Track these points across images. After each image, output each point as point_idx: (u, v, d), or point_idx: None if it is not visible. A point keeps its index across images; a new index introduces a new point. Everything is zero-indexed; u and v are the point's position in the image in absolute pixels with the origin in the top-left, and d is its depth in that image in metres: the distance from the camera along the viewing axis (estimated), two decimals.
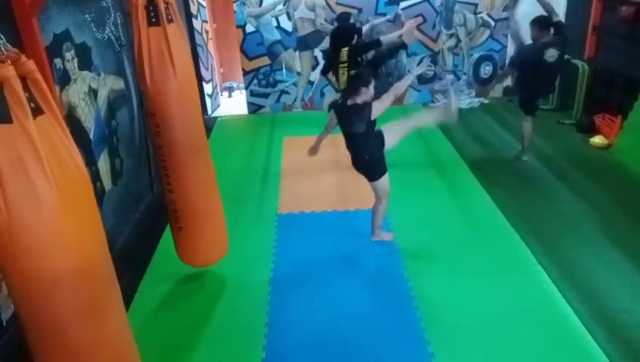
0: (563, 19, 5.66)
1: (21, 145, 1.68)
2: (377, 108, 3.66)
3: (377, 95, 3.73)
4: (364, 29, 5.82)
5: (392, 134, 3.82)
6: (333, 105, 3.90)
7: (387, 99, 3.72)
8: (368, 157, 3.80)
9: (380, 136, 3.77)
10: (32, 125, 1.69)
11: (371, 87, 3.65)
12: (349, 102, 3.70)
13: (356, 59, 5.20)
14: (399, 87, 3.84)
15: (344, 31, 5.39)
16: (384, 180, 3.86)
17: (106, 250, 2.07)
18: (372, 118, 3.67)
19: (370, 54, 5.55)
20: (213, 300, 3.58)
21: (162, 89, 2.98)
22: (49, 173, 1.73)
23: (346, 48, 5.19)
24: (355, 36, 5.31)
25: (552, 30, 4.99)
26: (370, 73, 3.83)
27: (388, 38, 5.41)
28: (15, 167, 1.69)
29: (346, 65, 5.19)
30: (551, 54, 4.94)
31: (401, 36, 5.47)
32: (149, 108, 3.08)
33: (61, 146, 1.80)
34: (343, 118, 3.80)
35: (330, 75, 5.67)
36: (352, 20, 5.77)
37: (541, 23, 4.99)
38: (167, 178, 3.27)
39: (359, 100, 3.65)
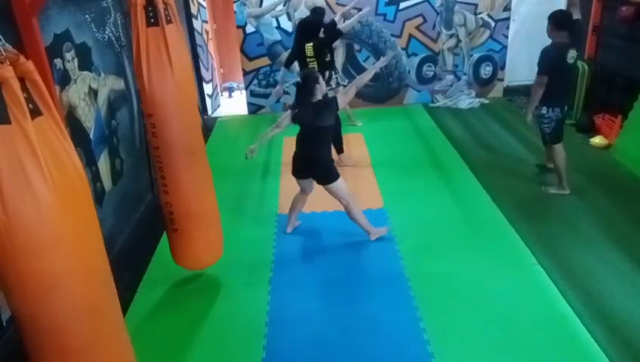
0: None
1: (19, 146, 1.68)
2: (342, 101, 3.87)
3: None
4: (336, 18, 5.88)
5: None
6: (297, 113, 3.89)
7: (351, 91, 3.94)
8: (325, 155, 3.93)
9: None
10: (31, 126, 1.69)
11: (321, 81, 3.85)
12: (314, 99, 3.81)
13: (323, 52, 5.37)
14: (361, 79, 4.03)
15: (308, 26, 5.49)
16: (339, 183, 3.92)
17: (103, 252, 2.06)
18: (340, 108, 3.89)
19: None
20: (213, 300, 3.58)
21: (159, 89, 2.98)
22: (47, 174, 1.73)
23: (311, 44, 5.31)
24: (322, 29, 5.45)
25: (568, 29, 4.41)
26: (314, 72, 3.99)
27: (347, 26, 5.49)
28: (13, 168, 1.69)
29: (313, 59, 5.34)
30: (572, 55, 4.41)
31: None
32: (146, 108, 3.08)
33: (59, 148, 1.80)
34: (313, 115, 3.80)
35: (295, 67, 5.74)
36: (327, 16, 5.90)
37: (559, 21, 4.37)
38: (163, 179, 3.26)
39: (320, 96, 3.82)
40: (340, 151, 5.57)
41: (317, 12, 5.86)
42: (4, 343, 2.81)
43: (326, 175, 3.92)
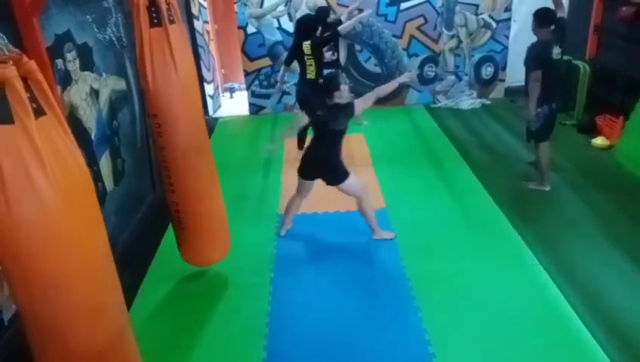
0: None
1: (23, 145, 1.69)
2: (360, 107, 3.85)
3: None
4: (343, 17, 5.87)
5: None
6: (313, 111, 3.92)
7: (370, 99, 3.89)
8: (335, 158, 3.92)
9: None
10: (34, 126, 1.70)
11: (343, 88, 3.78)
12: (330, 102, 3.80)
13: (320, 51, 5.38)
14: (383, 89, 3.98)
15: (305, 23, 5.50)
16: (350, 181, 3.93)
17: (107, 251, 2.07)
18: (355, 115, 3.86)
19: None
20: (213, 300, 3.59)
21: (164, 90, 2.98)
22: (50, 173, 1.73)
23: (309, 42, 5.31)
24: (320, 27, 5.46)
25: (552, 26, 4.52)
26: (338, 77, 3.92)
27: (346, 27, 5.47)
28: (17, 167, 1.69)
29: (311, 57, 5.35)
30: (557, 52, 4.51)
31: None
32: (151, 109, 3.09)
33: (63, 147, 1.80)
34: (328, 118, 3.81)
35: (295, 67, 5.74)
36: (331, 15, 5.88)
37: (543, 17, 4.48)
38: (169, 179, 3.28)
39: (338, 100, 3.78)
40: None
41: (319, 11, 5.87)
42: (5, 342, 2.82)
43: (336, 176, 3.94)
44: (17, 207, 1.71)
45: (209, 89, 7.75)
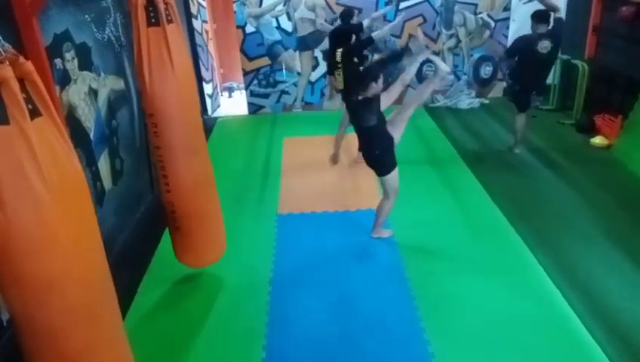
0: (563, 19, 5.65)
1: (18, 147, 1.68)
2: (386, 100, 3.74)
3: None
4: (365, 23, 5.80)
5: (396, 126, 3.85)
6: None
7: (395, 90, 3.78)
8: (379, 151, 3.85)
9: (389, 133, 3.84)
10: (30, 127, 1.69)
11: (380, 82, 3.68)
12: (359, 97, 3.72)
13: (351, 60, 5.23)
14: (406, 76, 3.84)
15: (340, 32, 5.44)
16: (393, 175, 3.91)
17: (102, 254, 2.05)
18: (381, 109, 3.73)
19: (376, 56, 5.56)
20: (213, 300, 3.58)
21: (161, 89, 2.98)
22: (46, 175, 1.72)
23: (340, 50, 5.24)
24: (353, 36, 5.33)
25: (550, 25, 5.18)
26: (379, 68, 3.84)
27: (379, 34, 5.43)
28: (12, 169, 1.68)
29: (341, 65, 5.26)
30: (544, 45, 5.14)
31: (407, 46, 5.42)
32: (148, 108, 3.09)
33: (58, 148, 1.79)
34: (354, 113, 3.84)
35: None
36: (355, 17, 5.74)
37: (538, 17, 5.19)
38: (165, 178, 3.27)
39: (369, 94, 3.69)
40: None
41: (346, 15, 5.67)
42: (4, 343, 2.81)
43: (380, 167, 3.93)
44: (12, 209, 1.70)
45: (208, 88, 7.74)
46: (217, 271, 3.82)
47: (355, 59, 5.24)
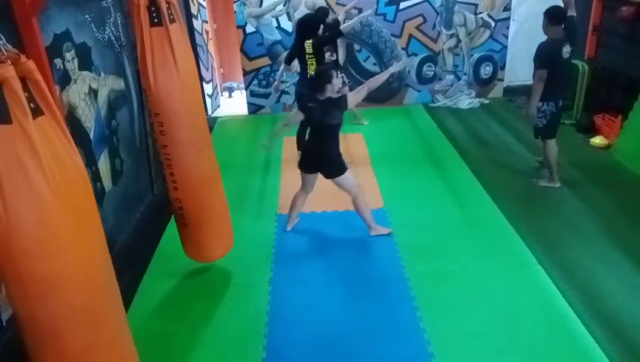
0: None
1: (20, 145, 1.68)
2: (352, 100, 3.89)
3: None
4: (340, 17, 5.88)
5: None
6: (305, 105, 3.98)
7: (362, 92, 3.93)
8: (337, 151, 3.97)
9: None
10: (32, 126, 1.69)
11: (335, 81, 3.80)
12: (321, 97, 3.82)
13: (321, 50, 5.35)
14: (374, 81, 4.01)
15: (308, 22, 5.48)
16: (348, 174, 4.00)
17: (105, 252, 2.05)
18: (348, 108, 3.89)
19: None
20: (213, 300, 3.58)
21: (166, 88, 3.00)
22: (48, 174, 1.72)
23: (310, 41, 5.30)
24: (321, 26, 5.45)
25: (562, 25, 4.53)
26: (330, 70, 3.91)
27: (347, 26, 5.47)
28: (14, 168, 1.68)
29: (312, 56, 5.33)
30: (566, 50, 4.52)
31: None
32: (153, 107, 3.10)
33: (60, 147, 1.79)
34: (322, 113, 3.83)
35: (295, 66, 5.73)
36: (330, 16, 5.88)
37: (554, 16, 4.49)
38: (172, 176, 3.30)
39: (330, 94, 3.80)
40: None
41: (319, 11, 5.88)
42: (4, 343, 2.81)
43: (333, 169, 4.00)
44: (14, 208, 1.70)
45: (208, 88, 7.73)
46: (217, 271, 3.82)
47: (324, 50, 5.39)
